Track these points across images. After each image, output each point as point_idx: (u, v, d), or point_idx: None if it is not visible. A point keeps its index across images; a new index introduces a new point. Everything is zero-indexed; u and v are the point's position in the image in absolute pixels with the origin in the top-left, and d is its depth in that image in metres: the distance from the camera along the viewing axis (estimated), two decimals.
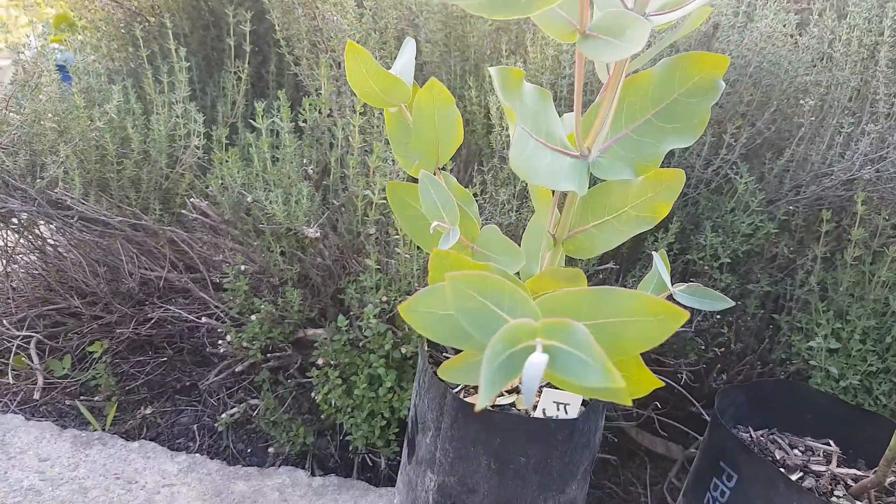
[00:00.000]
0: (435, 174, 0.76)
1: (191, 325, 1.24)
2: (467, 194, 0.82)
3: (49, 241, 1.27)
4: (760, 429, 0.93)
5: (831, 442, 0.92)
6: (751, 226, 1.11)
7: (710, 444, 0.87)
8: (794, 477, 0.83)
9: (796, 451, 0.90)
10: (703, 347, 1.13)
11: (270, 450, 1.14)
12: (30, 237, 1.23)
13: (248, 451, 1.17)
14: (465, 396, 0.78)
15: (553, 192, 0.77)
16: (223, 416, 1.16)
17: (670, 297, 0.76)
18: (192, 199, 1.16)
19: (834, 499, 0.81)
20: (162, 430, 1.19)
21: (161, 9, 1.37)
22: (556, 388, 0.76)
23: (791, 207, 1.14)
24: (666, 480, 1.18)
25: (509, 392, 0.82)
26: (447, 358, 0.76)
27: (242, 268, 1.13)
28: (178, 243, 1.21)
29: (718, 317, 1.14)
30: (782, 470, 0.83)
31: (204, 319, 1.18)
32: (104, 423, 1.18)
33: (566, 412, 0.76)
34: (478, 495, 0.75)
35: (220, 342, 1.15)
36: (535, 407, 0.77)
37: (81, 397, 1.22)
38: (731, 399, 0.92)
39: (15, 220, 1.21)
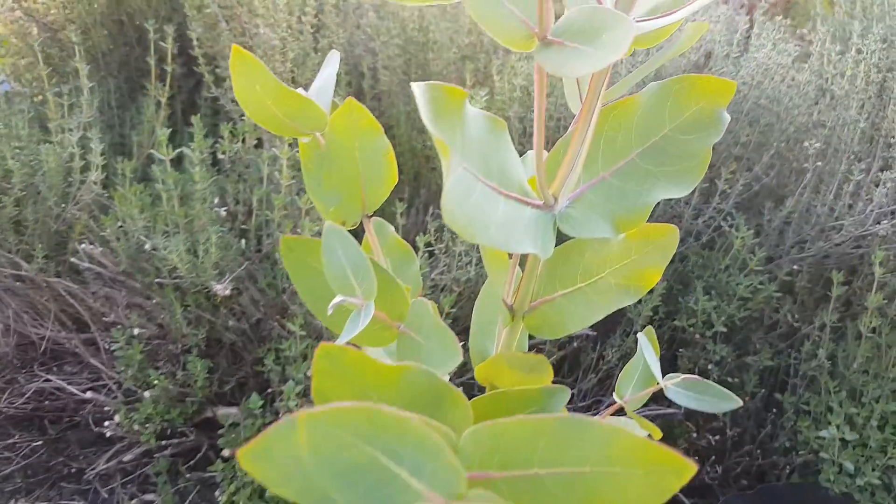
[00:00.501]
0: (361, 223, 0.58)
1: (79, 399, 1.03)
2: (407, 251, 0.63)
3: None
4: None
5: None
6: (748, 288, 0.94)
7: None
8: None
9: None
10: (694, 434, 0.94)
11: None
12: None
13: None
14: None
15: None
16: None
17: (660, 393, 0.57)
18: (83, 245, 0.96)
19: None
20: None
21: (76, 24, 1.19)
22: None
23: (794, 266, 0.97)
24: None
25: None
26: None
27: (136, 331, 0.93)
28: (67, 297, 1.00)
29: None
30: None
31: (89, 394, 0.97)
32: None
33: None
34: None
35: (106, 423, 0.94)
36: None
37: None
38: None
39: None
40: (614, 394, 0.56)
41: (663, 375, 0.85)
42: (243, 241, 0.95)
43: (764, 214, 1.00)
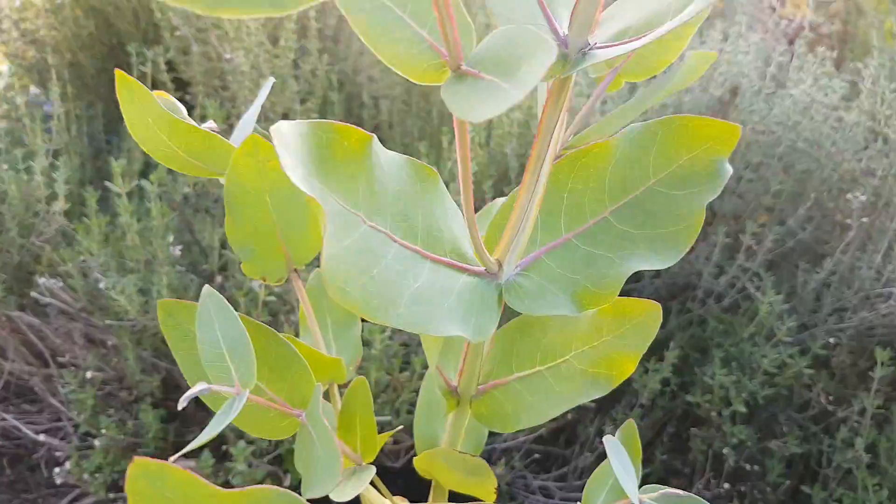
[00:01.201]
0: (288, 279, 0.49)
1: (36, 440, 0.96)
2: (347, 314, 0.54)
3: None
4: None
5: None
6: (775, 361, 0.80)
7: None
8: None
9: None
10: None
11: None
12: None
13: None
14: None
15: None
16: None
17: None
18: (42, 279, 0.90)
19: None
20: None
21: (62, 45, 1.14)
22: None
23: (831, 339, 0.83)
24: None
25: None
26: None
27: (89, 374, 0.85)
28: (28, 332, 0.94)
29: (727, 485, 0.83)
30: None
31: (43, 437, 0.90)
32: None
33: None
34: None
35: (57, 469, 0.87)
36: None
37: None
38: None
39: None
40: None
41: (666, 454, 0.70)
42: (203, 281, 0.87)
43: (798, 276, 0.86)
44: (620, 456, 0.46)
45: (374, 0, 0.31)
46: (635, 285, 0.91)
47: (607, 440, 0.46)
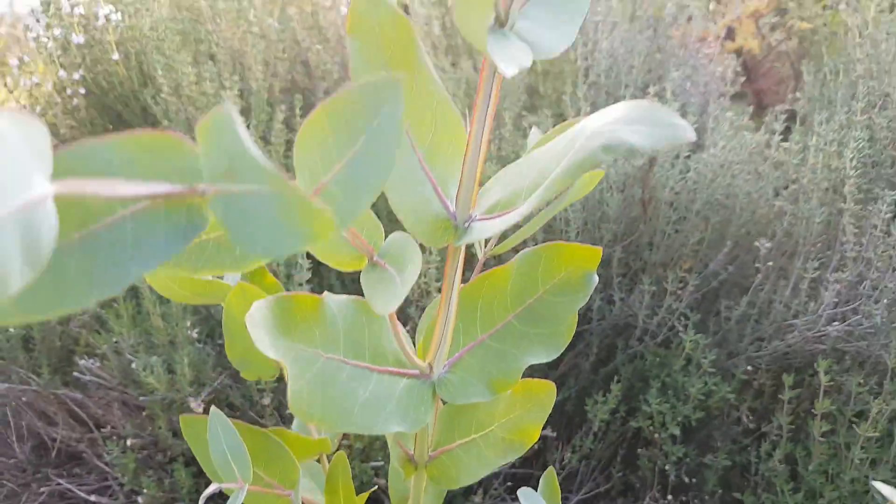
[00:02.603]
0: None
1: (87, 501, 1.12)
2: None
3: None
4: None
5: None
6: (703, 389, 0.95)
7: None
8: None
9: None
10: None
11: None
12: None
13: None
14: None
15: None
16: None
17: None
18: (82, 361, 1.06)
19: None
20: None
21: (80, 108, 1.29)
22: None
23: (749, 367, 0.97)
24: None
25: None
26: None
27: (129, 442, 1.02)
28: (73, 405, 1.10)
29: (671, 497, 0.97)
30: None
31: (94, 497, 1.06)
32: None
33: None
34: None
35: None
36: None
37: None
38: None
39: None
40: None
41: (622, 472, 0.84)
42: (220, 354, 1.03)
43: (720, 312, 1.01)
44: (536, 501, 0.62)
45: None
46: (587, 326, 1.06)
47: (522, 493, 0.62)
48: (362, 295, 0.45)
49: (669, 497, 0.97)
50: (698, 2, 1.40)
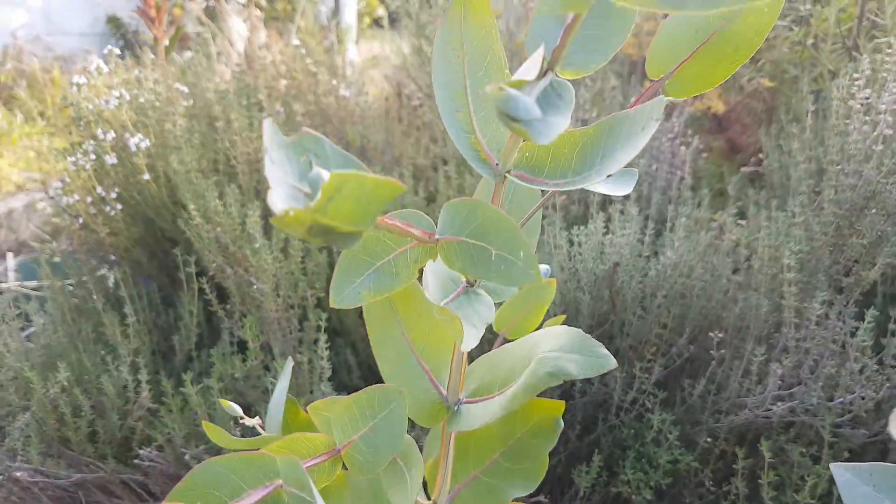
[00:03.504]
0: None
1: None
2: None
3: None
4: None
5: None
6: (670, 458, 1.11)
7: None
8: None
9: None
10: None
11: None
12: None
13: None
14: None
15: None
16: None
17: None
18: (142, 451, 1.24)
19: None
20: None
21: (118, 244, 1.47)
22: None
23: (709, 438, 1.14)
24: None
25: None
26: None
27: None
28: (136, 488, 1.29)
29: None
30: None
31: None
32: None
33: None
34: None
35: None
36: None
37: None
38: None
39: None
40: None
41: None
42: None
43: (684, 389, 1.17)
44: None
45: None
46: (572, 402, 1.22)
47: None
48: None
49: None
50: None
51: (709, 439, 1.13)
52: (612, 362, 0.49)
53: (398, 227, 0.40)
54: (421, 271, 0.48)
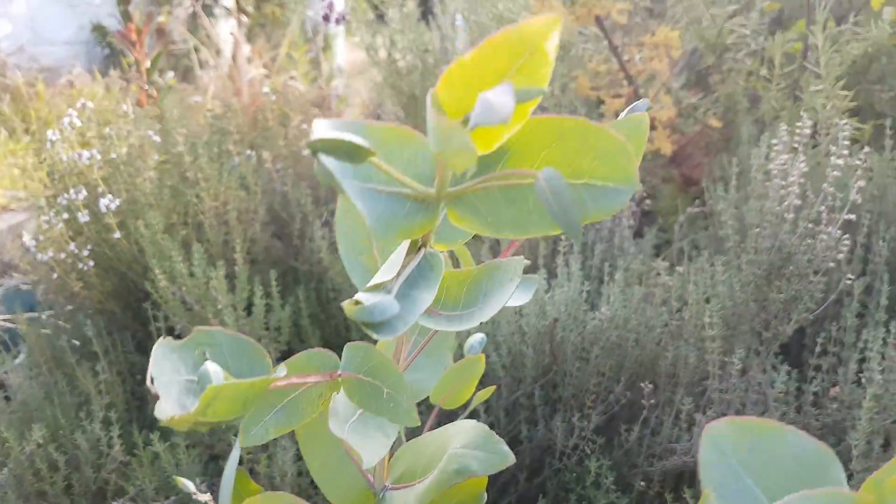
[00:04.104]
0: None
1: None
2: None
3: None
4: None
5: None
6: (608, 501, 1.20)
7: None
8: None
9: None
10: None
11: None
12: None
13: None
14: None
15: None
16: None
17: None
18: (115, 502, 1.31)
19: None
20: None
21: (92, 299, 1.55)
22: None
23: (643, 482, 1.22)
24: None
25: None
26: None
27: None
28: None
29: None
30: None
31: None
32: None
33: None
34: None
35: None
36: None
37: None
38: None
39: None
40: None
41: None
42: None
43: (621, 434, 1.25)
44: None
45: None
46: (520, 447, 1.31)
47: None
48: None
49: None
50: None
51: (643, 482, 1.22)
52: (511, 458, 0.57)
53: (293, 383, 0.48)
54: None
